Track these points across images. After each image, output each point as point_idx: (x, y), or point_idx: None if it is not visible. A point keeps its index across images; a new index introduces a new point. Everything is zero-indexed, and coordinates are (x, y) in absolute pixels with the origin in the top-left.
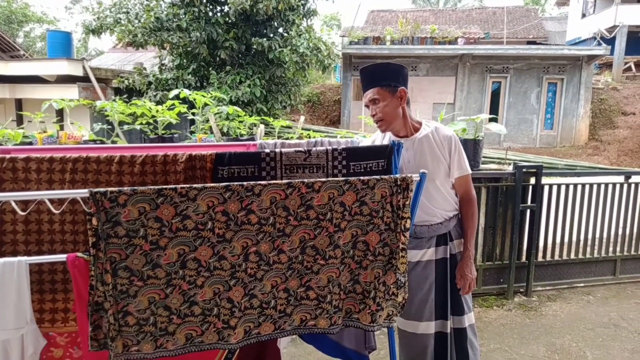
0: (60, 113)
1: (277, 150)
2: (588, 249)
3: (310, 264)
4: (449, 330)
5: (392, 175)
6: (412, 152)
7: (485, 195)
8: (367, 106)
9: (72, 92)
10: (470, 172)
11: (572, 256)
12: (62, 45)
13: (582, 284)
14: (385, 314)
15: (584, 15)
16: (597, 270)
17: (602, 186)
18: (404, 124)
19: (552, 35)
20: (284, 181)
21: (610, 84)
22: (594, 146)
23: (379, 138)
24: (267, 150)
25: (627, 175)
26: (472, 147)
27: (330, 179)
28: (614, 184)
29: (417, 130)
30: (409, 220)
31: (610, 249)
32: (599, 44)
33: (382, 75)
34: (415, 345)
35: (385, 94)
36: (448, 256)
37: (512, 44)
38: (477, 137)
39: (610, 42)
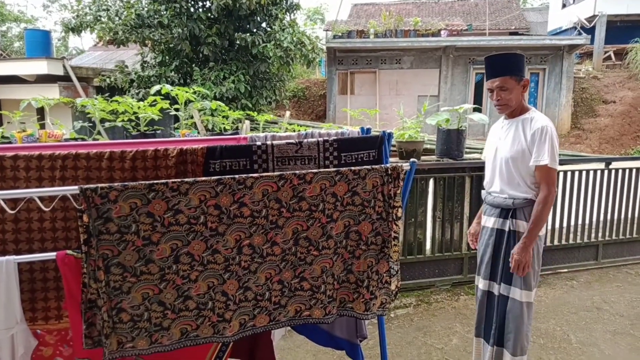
0: (41, 112)
1: (269, 142)
2: (571, 235)
3: (303, 255)
4: (497, 293)
5: (382, 165)
6: (506, 131)
7: (469, 184)
8: (491, 90)
9: (52, 92)
10: (548, 164)
11: (556, 242)
12: (40, 44)
13: (565, 270)
14: (379, 302)
15: (564, 6)
16: (580, 256)
17: (584, 173)
18: (519, 108)
19: (533, 25)
20: (276, 173)
21: (591, 73)
22: (576, 135)
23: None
24: (259, 143)
25: (608, 162)
26: (455, 137)
27: (321, 170)
28: (595, 171)
29: (520, 114)
30: (400, 209)
31: (593, 234)
32: (580, 34)
33: (511, 66)
34: (477, 295)
35: (512, 82)
36: (507, 230)
37: (494, 35)
38: (461, 127)
39: (590, 31)
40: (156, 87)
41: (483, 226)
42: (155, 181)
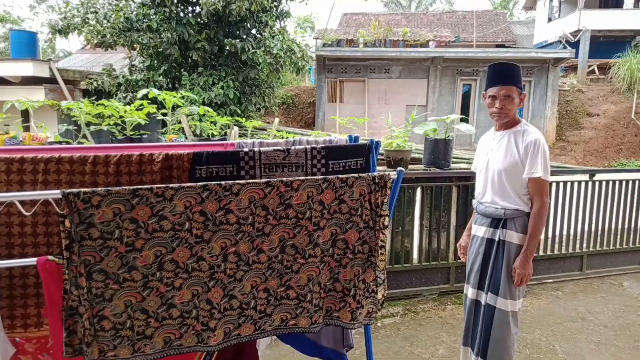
0: (25, 115)
1: (256, 149)
2: (556, 245)
3: (290, 263)
4: (483, 302)
5: (370, 174)
6: (498, 142)
7: (456, 193)
8: (493, 97)
9: (38, 94)
10: (541, 176)
11: (541, 253)
12: (26, 45)
13: (551, 280)
14: (366, 311)
15: (550, 20)
16: (565, 266)
17: (569, 184)
18: (512, 120)
19: (520, 38)
20: (263, 180)
21: (576, 86)
22: (561, 147)
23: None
24: (246, 149)
25: (592, 174)
26: (442, 146)
27: (309, 177)
28: (580, 182)
29: (513, 126)
30: (387, 218)
31: (577, 245)
32: (565, 47)
33: (517, 77)
34: (465, 303)
35: (517, 93)
36: (497, 239)
37: (481, 47)
38: (448, 137)
39: (575, 45)
40: (143, 91)
41: (473, 235)
42: (139, 186)
